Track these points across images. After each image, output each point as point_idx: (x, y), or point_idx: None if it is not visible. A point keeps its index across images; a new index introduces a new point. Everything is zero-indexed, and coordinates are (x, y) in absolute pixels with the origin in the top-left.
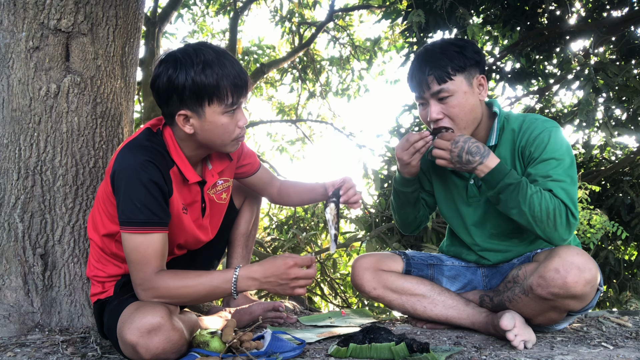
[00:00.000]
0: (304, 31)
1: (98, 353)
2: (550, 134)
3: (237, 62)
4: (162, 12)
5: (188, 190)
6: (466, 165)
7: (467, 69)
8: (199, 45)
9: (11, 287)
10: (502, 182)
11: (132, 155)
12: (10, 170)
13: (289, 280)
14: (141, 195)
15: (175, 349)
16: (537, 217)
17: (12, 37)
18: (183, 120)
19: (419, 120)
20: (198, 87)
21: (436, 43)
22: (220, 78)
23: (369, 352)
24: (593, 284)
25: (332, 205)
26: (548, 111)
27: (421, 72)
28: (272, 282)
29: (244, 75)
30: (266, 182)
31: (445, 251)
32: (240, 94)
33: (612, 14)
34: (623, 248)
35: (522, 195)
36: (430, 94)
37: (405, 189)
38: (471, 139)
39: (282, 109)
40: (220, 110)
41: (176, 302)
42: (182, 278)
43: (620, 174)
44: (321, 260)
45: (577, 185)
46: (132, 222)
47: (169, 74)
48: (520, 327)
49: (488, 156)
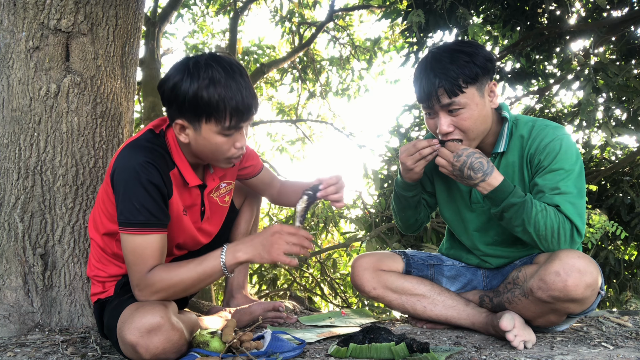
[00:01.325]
0: (304, 31)
1: (98, 353)
2: (561, 143)
3: (247, 85)
4: (162, 12)
5: (188, 193)
6: (467, 180)
7: (479, 79)
8: (214, 58)
9: (11, 287)
10: (506, 202)
11: (131, 155)
12: (10, 170)
13: (273, 240)
14: (140, 196)
15: (175, 348)
16: (541, 236)
17: (12, 37)
18: (179, 129)
19: (419, 120)
20: (198, 103)
21: (444, 48)
22: (222, 99)
23: (369, 352)
24: (594, 288)
25: (304, 197)
26: (548, 111)
27: (430, 83)
28: (257, 245)
29: (249, 99)
30: (267, 183)
31: (444, 254)
32: (240, 119)
33: (612, 14)
34: (623, 248)
35: (527, 215)
36: (440, 106)
37: (407, 193)
38: (475, 154)
39: (282, 109)
40: (217, 130)
41: (174, 293)
42: (174, 268)
43: (620, 174)
44: (321, 260)
45: (585, 196)
46: (130, 223)
47: (175, 80)
48: (520, 328)
49: (491, 173)
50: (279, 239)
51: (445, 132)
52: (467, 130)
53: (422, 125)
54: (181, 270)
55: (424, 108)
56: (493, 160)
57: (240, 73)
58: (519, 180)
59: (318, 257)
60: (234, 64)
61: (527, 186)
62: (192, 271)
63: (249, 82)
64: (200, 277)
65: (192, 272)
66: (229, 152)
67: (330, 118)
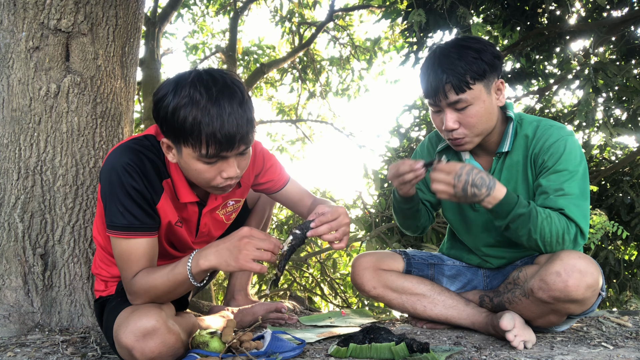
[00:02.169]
0: (304, 31)
1: (98, 353)
2: (565, 144)
3: (233, 111)
4: (162, 12)
5: (184, 206)
6: (472, 198)
7: (487, 76)
8: (202, 76)
9: (11, 287)
10: (513, 213)
11: (117, 157)
12: (10, 170)
13: (241, 246)
14: (122, 199)
15: (172, 352)
16: (546, 242)
17: (12, 37)
18: (166, 148)
19: (419, 120)
20: (174, 123)
21: (452, 44)
22: (197, 123)
23: (369, 352)
24: (594, 289)
25: (289, 238)
26: (548, 111)
27: (437, 79)
28: (223, 251)
29: (231, 128)
30: (295, 201)
31: (445, 253)
32: (221, 149)
33: (612, 14)
34: (623, 248)
35: (533, 224)
36: (447, 103)
37: (404, 206)
38: (473, 169)
39: (282, 109)
40: (195, 157)
41: (156, 298)
42: (151, 272)
43: (620, 174)
44: (321, 260)
45: (589, 197)
46: (115, 226)
47: (161, 94)
48: (520, 328)
49: (494, 187)
50: (247, 244)
51: (451, 128)
52: (472, 127)
53: (422, 126)
54: (156, 275)
55: (430, 104)
56: (497, 160)
57: (230, 96)
58: (522, 179)
59: (318, 257)
60: (227, 84)
61: (530, 186)
62: (164, 277)
63: (237, 108)
64: (173, 285)
65: (164, 279)
66: (214, 180)
67: (330, 118)
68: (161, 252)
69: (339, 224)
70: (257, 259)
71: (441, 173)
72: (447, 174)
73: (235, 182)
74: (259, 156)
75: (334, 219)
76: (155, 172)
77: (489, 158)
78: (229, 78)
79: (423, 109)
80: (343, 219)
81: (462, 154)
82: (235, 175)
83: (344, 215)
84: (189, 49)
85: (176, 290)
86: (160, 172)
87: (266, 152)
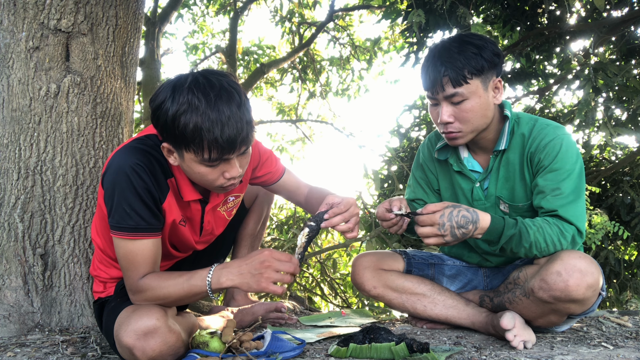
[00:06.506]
0: (304, 31)
1: (98, 353)
2: (562, 143)
3: (232, 115)
4: (162, 12)
5: (187, 205)
6: (463, 237)
7: (485, 72)
8: (198, 80)
9: (11, 287)
10: (503, 236)
11: (124, 157)
12: (10, 170)
13: (262, 269)
14: (130, 199)
15: (172, 351)
16: (544, 251)
17: (12, 37)
18: (167, 152)
19: (419, 121)
20: (175, 129)
21: (454, 39)
22: (198, 129)
23: (369, 352)
24: (595, 288)
25: (305, 230)
26: (548, 111)
27: (436, 71)
28: (245, 273)
29: (232, 132)
30: (292, 191)
31: (446, 252)
32: (222, 152)
33: (612, 14)
34: (623, 248)
35: (526, 240)
36: (444, 96)
37: (406, 234)
38: (452, 212)
39: (282, 109)
40: (197, 161)
41: (163, 303)
42: (164, 279)
43: (620, 174)
44: (321, 260)
45: (585, 196)
46: (121, 227)
47: (160, 99)
48: (520, 327)
49: (479, 218)
50: (268, 267)
51: (446, 121)
52: (466, 121)
53: (422, 126)
54: (170, 283)
55: (428, 97)
56: (495, 158)
57: (228, 100)
58: (520, 177)
59: (318, 257)
60: (224, 88)
61: (528, 184)
62: (180, 286)
63: (236, 111)
64: (188, 294)
65: (179, 287)
66: (217, 181)
67: (330, 118)
68: (163, 252)
69: (350, 215)
70: (277, 282)
71: (426, 227)
72: (432, 226)
73: (238, 180)
74: (255, 150)
75: (347, 209)
76: (161, 171)
77: (486, 156)
78: (225, 81)
79: (423, 109)
80: (354, 209)
81: (461, 152)
82: (237, 175)
83: (355, 205)
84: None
85: (189, 300)
86: (165, 171)
87: (261, 146)
